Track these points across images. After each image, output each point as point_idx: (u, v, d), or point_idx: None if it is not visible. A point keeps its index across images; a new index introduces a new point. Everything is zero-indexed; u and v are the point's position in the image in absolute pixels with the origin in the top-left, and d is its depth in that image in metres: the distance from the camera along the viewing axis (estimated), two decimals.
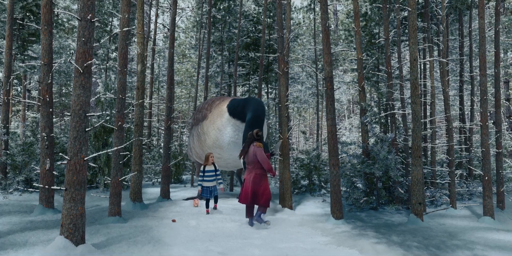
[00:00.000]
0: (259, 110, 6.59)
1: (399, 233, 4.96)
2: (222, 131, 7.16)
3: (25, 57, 12.15)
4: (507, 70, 15.84)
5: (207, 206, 6.28)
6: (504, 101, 15.33)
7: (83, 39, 3.77)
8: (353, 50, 11.97)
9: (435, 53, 12.19)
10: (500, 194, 6.91)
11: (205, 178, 6.35)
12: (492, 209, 5.98)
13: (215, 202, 6.52)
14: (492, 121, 11.76)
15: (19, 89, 16.65)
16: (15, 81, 15.18)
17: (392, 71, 8.53)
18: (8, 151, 8.26)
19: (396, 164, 6.98)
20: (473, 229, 5.38)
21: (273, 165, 15.38)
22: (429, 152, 9.72)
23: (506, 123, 15.26)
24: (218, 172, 6.42)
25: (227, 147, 7.24)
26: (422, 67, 10.87)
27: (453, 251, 4.06)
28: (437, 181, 7.85)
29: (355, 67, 14.48)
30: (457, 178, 8.99)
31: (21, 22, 10.89)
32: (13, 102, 16.87)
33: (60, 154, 3.71)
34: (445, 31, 8.16)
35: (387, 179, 7.11)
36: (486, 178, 6.11)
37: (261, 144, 5.46)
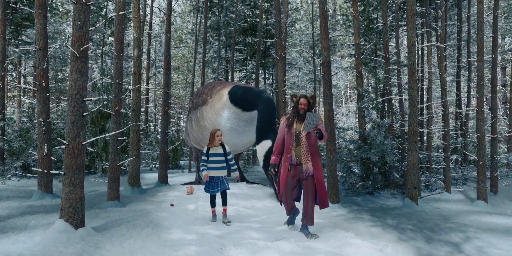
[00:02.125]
0: (271, 110, 6.42)
1: (394, 216, 5.04)
2: (222, 117, 7.08)
3: (19, 42, 11.98)
4: (504, 56, 15.81)
5: (213, 204, 4.76)
6: (501, 87, 15.36)
7: (79, 22, 3.73)
8: (351, 35, 11.88)
9: (433, 38, 12.13)
10: (494, 179, 7.01)
11: (210, 165, 4.64)
12: (485, 193, 6.08)
13: (224, 203, 4.67)
14: (488, 107, 11.80)
15: (14, 74, 16.51)
16: (10, 66, 15.03)
17: (390, 56, 8.51)
18: (4, 137, 8.25)
19: (392, 149, 7.04)
20: (467, 212, 5.48)
21: None
22: (425, 137, 9.78)
23: (502, 109, 15.34)
24: (229, 157, 4.74)
25: (226, 133, 7.23)
26: (420, 53, 10.83)
27: (446, 234, 4.15)
28: (432, 166, 7.93)
29: (353, 52, 14.39)
30: (452, 163, 9.09)
31: (14, 5, 10.70)
32: (8, 87, 16.73)
33: (58, 138, 3.72)
34: (444, 16, 8.10)
35: (383, 164, 7.18)
36: (481, 163, 6.19)
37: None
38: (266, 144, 6.09)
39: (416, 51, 10.80)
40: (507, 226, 4.62)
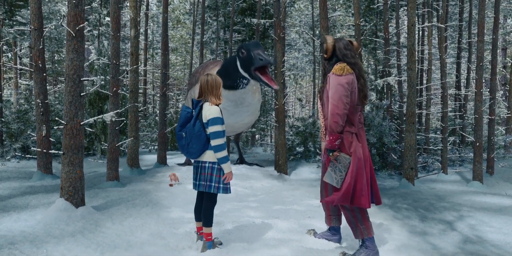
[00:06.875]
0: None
1: (390, 196, 5.12)
2: None
3: (14, 23, 11.78)
4: (506, 37, 15.64)
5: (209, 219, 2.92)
6: (501, 69, 15.27)
7: (74, 1, 3.66)
8: (351, 15, 11.70)
9: (434, 19, 11.97)
10: (490, 160, 7.07)
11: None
12: (481, 174, 6.15)
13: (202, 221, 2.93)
14: (488, 89, 11.76)
15: (9, 55, 16.31)
16: (5, 47, 14.82)
17: (390, 37, 8.42)
18: (2, 119, 8.24)
19: (391, 131, 7.07)
20: (462, 192, 5.56)
21: (268, 132, 15.48)
22: (424, 119, 9.81)
23: (502, 91, 15.30)
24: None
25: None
26: (420, 33, 10.71)
27: (440, 212, 4.23)
28: (430, 147, 7.99)
29: (353, 33, 14.23)
30: (449, 144, 9.15)
31: None
32: (4, 69, 16.59)
33: (56, 118, 3.73)
34: None
35: (381, 146, 7.23)
36: (478, 144, 6.23)
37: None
38: None
39: (417, 32, 10.68)
40: (500, 205, 4.69)
